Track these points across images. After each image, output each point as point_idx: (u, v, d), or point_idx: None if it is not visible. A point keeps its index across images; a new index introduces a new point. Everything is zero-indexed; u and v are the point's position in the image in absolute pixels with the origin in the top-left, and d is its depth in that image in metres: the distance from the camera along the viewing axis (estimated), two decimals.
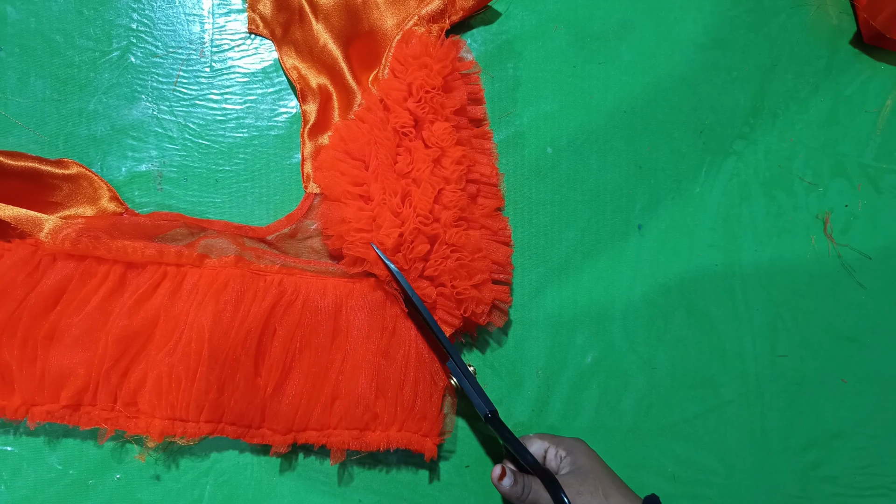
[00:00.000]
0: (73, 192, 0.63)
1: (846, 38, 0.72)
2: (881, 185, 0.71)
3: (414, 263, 0.60)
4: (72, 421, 0.58)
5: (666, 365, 0.67)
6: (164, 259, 0.60)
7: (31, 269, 0.58)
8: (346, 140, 0.62)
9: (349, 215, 0.60)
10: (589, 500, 0.53)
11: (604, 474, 0.56)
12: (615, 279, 0.68)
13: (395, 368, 0.60)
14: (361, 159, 0.62)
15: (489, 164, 0.65)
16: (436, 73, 0.61)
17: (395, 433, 0.60)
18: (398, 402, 0.60)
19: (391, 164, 0.61)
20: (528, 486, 0.54)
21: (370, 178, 0.61)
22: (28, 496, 0.61)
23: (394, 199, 0.60)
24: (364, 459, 0.64)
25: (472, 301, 0.60)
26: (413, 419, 0.60)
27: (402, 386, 0.60)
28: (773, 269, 0.69)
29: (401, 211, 0.60)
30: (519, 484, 0.54)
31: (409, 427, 0.60)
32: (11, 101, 0.64)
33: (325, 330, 0.60)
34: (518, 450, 0.56)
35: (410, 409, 0.60)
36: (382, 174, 0.60)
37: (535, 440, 0.59)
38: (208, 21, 0.66)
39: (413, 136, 0.61)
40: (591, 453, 0.58)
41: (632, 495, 0.55)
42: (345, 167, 0.61)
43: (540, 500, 0.54)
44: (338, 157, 0.62)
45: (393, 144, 0.61)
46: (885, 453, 0.68)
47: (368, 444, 0.60)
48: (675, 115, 0.69)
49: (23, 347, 0.58)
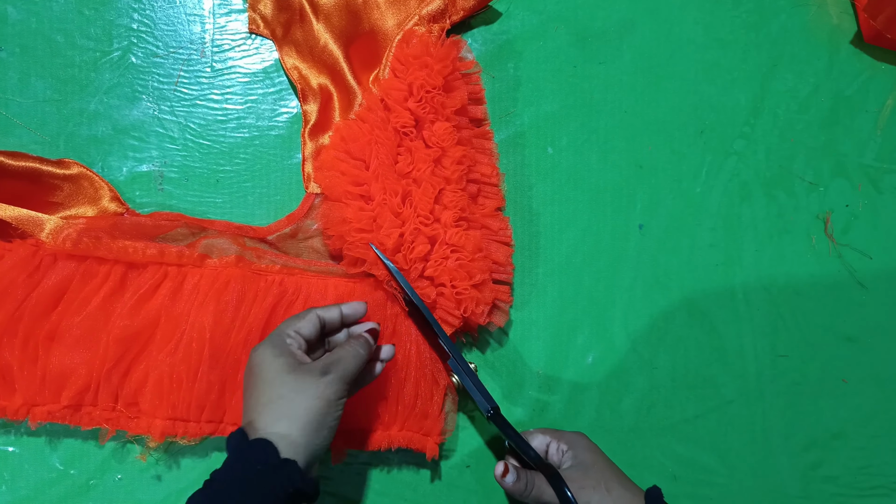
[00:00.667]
0: (74, 192, 0.63)
1: (846, 38, 0.72)
2: (882, 185, 0.71)
3: (414, 264, 0.60)
4: (73, 421, 0.58)
5: (666, 365, 0.67)
6: (165, 259, 0.60)
7: (32, 269, 0.58)
8: (347, 140, 0.62)
9: (350, 215, 0.60)
10: (591, 493, 0.53)
11: (606, 468, 0.56)
12: (616, 279, 0.68)
13: (396, 368, 0.60)
14: (362, 159, 0.62)
15: (490, 164, 0.65)
16: (436, 73, 0.61)
17: (397, 432, 0.60)
18: (399, 402, 0.60)
19: (392, 164, 0.61)
20: (531, 482, 0.54)
21: (371, 178, 0.61)
22: (29, 496, 0.61)
23: (394, 200, 0.60)
24: (365, 460, 0.64)
25: (472, 301, 0.60)
26: (414, 418, 0.60)
27: (403, 385, 0.60)
28: (773, 269, 0.69)
29: (401, 211, 0.60)
30: (522, 480, 0.54)
31: (410, 426, 0.60)
32: (12, 102, 0.64)
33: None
34: (521, 446, 0.56)
35: (411, 408, 0.60)
36: (383, 174, 0.60)
37: (537, 435, 0.59)
38: (209, 21, 0.66)
39: (414, 136, 0.61)
40: (593, 447, 0.58)
41: (634, 488, 0.55)
42: (345, 167, 0.61)
43: (543, 496, 0.54)
44: (338, 157, 0.62)
45: (394, 144, 0.61)
46: (885, 453, 0.68)
47: (370, 444, 0.60)
48: (676, 114, 0.69)
49: (24, 348, 0.58)
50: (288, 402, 0.46)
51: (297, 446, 0.45)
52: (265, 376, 0.47)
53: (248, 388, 0.48)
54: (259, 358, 0.48)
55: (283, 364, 0.47)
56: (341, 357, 0.50)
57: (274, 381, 0.47)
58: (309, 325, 0.51)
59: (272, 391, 0.46)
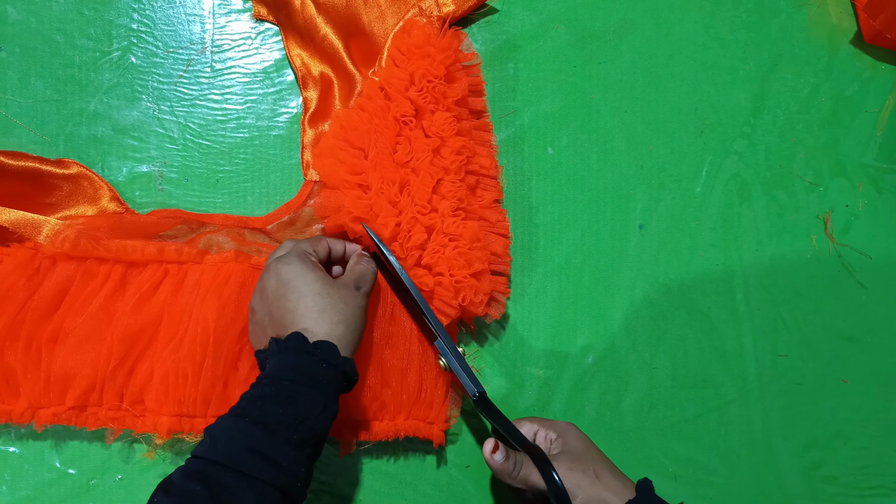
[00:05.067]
0: (74, 191, 0.63)
1: (846, 38, 0.72)
2: (882, 184, 0.71)
3: (411, 251, 0.60)
4: (78, 422, 0.58)
5: (667, 365, 0.67)
6: (164, 257, 0.60)
7: (31, 272, 0.58)
8: (346, 128, 0.62)
9: (347, 203, 0.60)
10: (580, 478, 0.52)
11: (596, 456, 0.55)
12: (616, 279, 0.68)
13: (399, 356, 0.60)
14: (361, 148, 0.61)
15: (489, 156, 0.64)
16: (439, 63, 0.61)
17: (403, 422, 0.60)
18: (404, 390, 0.60)
19: (390, 154, 0.61)
20: (519, 462, 0.53)
21: (369, 167, 0.60)
22: (29, 496, 0.61)
23: (392, 189, 0.60)
24: (365, 460, 0.64)
25: (470, 290, 0.60)
26: (420, 407, 0.60)
27: (406, 374, 0.60)
28: (773, 269, 0.69)
29: (398, 200, 0.60)
30: (511, 459, 0.53)
31: (416, 415, 0.60)
32: (12, 102, 0.64)
33: None
34: (508, 429, 0.55)
35: (416, 396, 0.60)
36: (381, 163, 0.60)
37: (525, 423, 0.58)
38: (209, 21, 0.66)
39: (413, 126, 0.61)
40: (583, 436, 0.57)
41: (624, 478, 0.54)
42: (344, 155, 0.61)
43: (530, 478, 0.53)
44: (337, 145, 0.62)
45: (393, 133, 0.61)
46: (886, 453, 0.69)
47: (377, 434, 0.60)
48: (676, 114, 0.69)
49: (27, 351, 0.57)
50: (339, 311, 0.51)
51: (350, 346, 0.51)
52: (307, 289, 0.51)
53: (290, 299, 0.52)
54: (293, 272, 0.52)
55: (322, 278, 0.53)
56: (363, 272, 0.56)
57: (321, 293, 0.51)
58: (322, 251, 0.57)
59: (323, 301, 0.51)
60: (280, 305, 0.52)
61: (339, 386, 0.50)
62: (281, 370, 0.48)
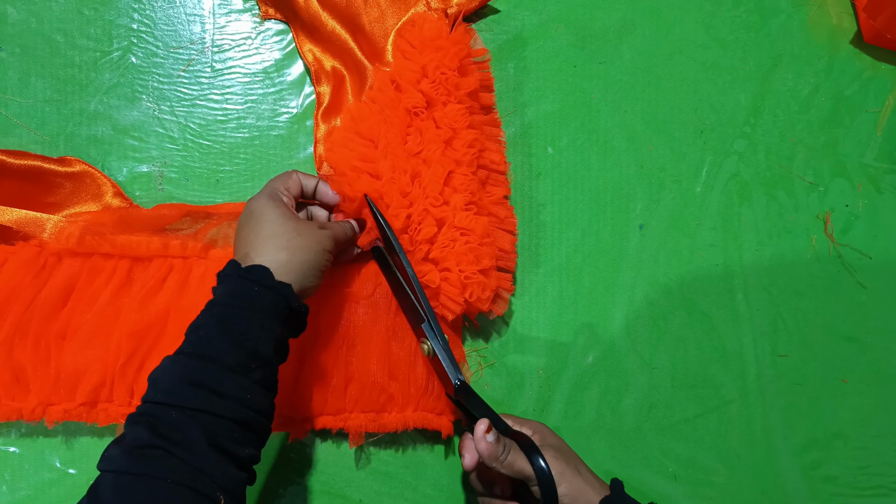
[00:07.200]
0: (77, 189, 0.63)
1: (846, 38, 0.72)
2: (882, 184, 0.71)
3: (419, 245, 0.60)
4: (89, 419, 0.58)
5: (667, 365, 0.67)
6: (169, 252, 0.60)
7: (37, 269, 0.58)
8: (357, 120, 0.62)
9: (360, 186, 0.59)
10: (564, 466, 0.53)
11: (573, 454, 0.56)
12: (616, 279, 0.68)
13: (406, 349, 0.60)
14: (371, 139, 0.61)
15: (498, 152, 0.64)
16: (453, 55, 0.60)
17: (412, 413, 0.60)
18: (411, 382, 0.60)
19: (401, 143, 0.60)
20: (508, 447, 0.53)
21: (379, 155, 0.60)
22: (29, 496, 0.61)
23: (403, 178, 0.59)
24: (365, 460, 0.64)
25: (478, 286, 0.59)
26: (428, 398, 0.60)
27: (414, 366, 0.60)
28: (773, 269, 0.69)
29: (410, 191, 0.59)
30: (501, 443, 0.52)
31: (424, 406, 0.60)
32: (12, 102, 0.64)
33: (333, 311, 0.60)
34: (491, 417, 0.55)
35: (424, 388, 0.60)
36: (392, 152, 0.60)
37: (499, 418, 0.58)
38: (209, 21, 0.66)
39: (424, 117, 0.61)
40: (558, 436, 0.58)
41: (598, 477, 0.55)
42: (354, 145, 0.61)
43: (516, 463, 0.52)
44: (348, 136, 0.62)
45: (404, 125, 0.60)
46: (886, 453, 0.69)
47: (385, 426, 0.60)
48: (676, 114, 0.69)
49: (36, 348, 0.57)
50: (287, 239, 0.50)
51: (293, 273, 0.49)
52: (266, 219, 0.51)
53: (245, 229, 0.51)
54: (258, 206, 0.52)
55: (285, 211, 0.52)
56: (333, 225, 0.56)
57: (276, 222, 0.51)
58: (294, 186, 0.56)
59: (273, 229, 0.50)
60: (238, 237, 0.52)
61: (280, 312, 0.48)
62: (216, 297, 0.48)
